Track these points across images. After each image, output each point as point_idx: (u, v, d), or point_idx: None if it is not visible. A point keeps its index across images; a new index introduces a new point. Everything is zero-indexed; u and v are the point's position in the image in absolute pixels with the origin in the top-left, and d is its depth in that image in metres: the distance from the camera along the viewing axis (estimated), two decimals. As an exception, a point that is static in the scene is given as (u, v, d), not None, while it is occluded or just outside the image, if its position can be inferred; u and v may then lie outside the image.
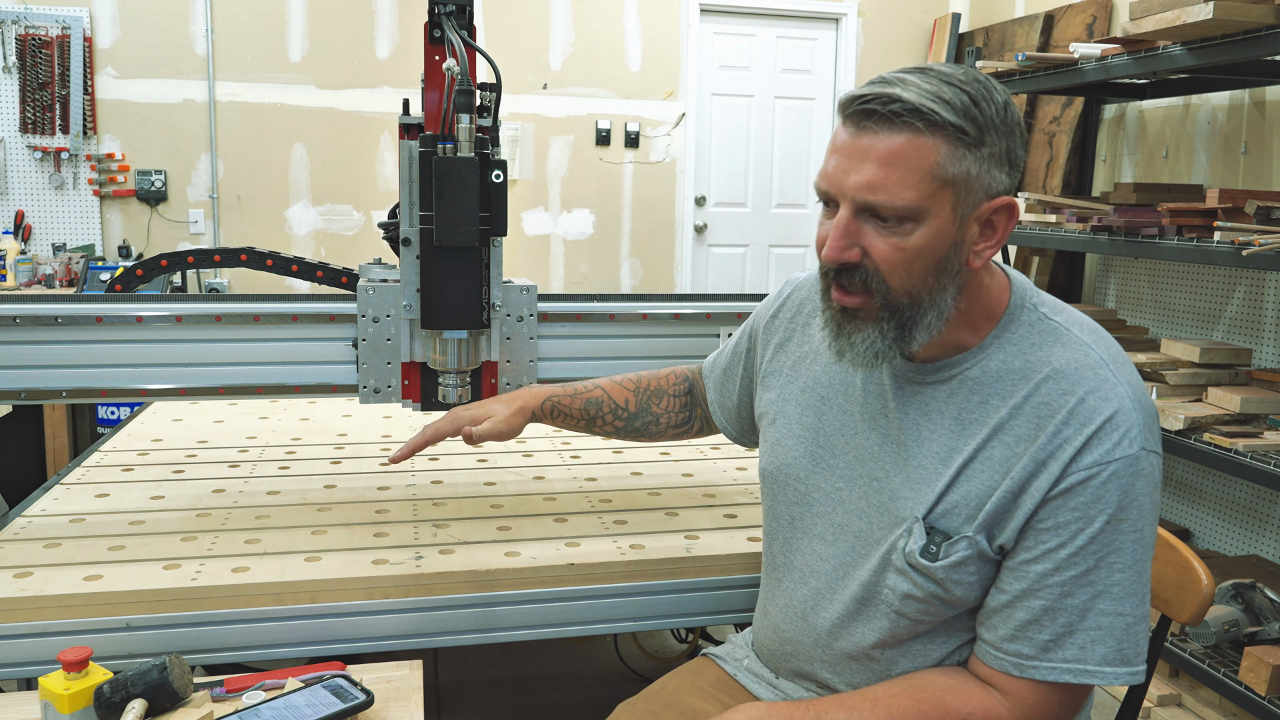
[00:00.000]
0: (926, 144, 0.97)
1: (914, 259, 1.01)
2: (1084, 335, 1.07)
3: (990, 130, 0.99)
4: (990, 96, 1.00)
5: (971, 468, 1.05)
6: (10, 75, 4.46)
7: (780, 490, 1.24)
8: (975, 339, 1.08)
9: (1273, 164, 3.12)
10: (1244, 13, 2.31)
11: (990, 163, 1.00)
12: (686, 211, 5.32)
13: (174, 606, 1.30)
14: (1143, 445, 1.01)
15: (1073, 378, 1.03)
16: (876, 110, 0.98)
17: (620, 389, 1.47)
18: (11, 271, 4.31)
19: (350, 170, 4.90)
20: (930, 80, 0.99)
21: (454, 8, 1.45)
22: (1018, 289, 1.11)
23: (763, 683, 1.28)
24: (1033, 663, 1.02)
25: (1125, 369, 1.05)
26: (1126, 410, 1.01)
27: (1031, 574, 1.02)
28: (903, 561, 1.08)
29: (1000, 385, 1.06)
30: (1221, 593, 2.44)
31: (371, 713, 1.08)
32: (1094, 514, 0.99)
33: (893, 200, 0.98)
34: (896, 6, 5.35)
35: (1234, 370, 2.75)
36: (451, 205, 1.41)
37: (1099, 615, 1.00)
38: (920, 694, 1.06)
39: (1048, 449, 1.01)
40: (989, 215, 1.02)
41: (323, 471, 1.85)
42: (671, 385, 1.49)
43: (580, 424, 1.46)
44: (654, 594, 1.45)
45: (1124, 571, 1.00)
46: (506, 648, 2.49)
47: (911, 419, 1.11)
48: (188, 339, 1.54)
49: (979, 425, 1.06)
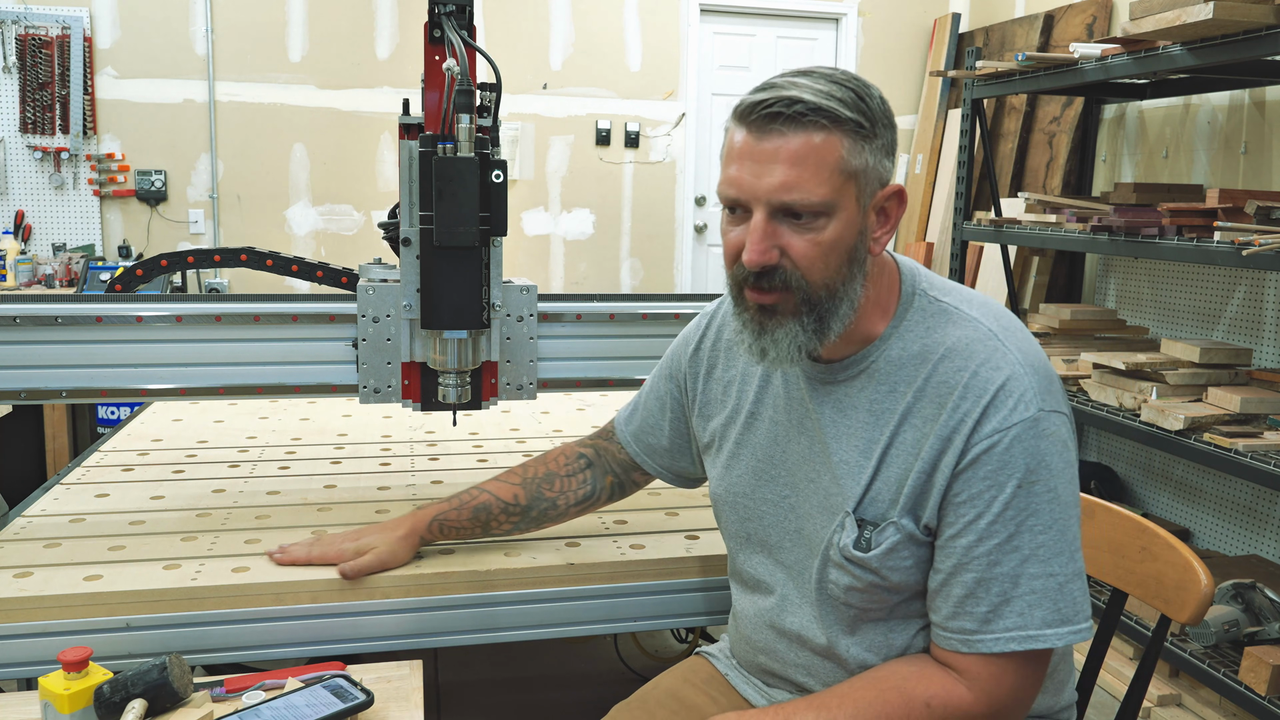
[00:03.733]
0: (831, 140, 1.02)
1: (829, 252, 1.04)
2: (973, 311, 1.10)
3: (879, 123, 1.05)
4: (869, 92, 1.05)
5: (889, 455, 1.09)
6: (10, 75, 4.46)
7: (732, 510, 1.26)
8: (876, 331, 1.12)
9: (1273, 164, 3.12)
10: (1244, 13, 2.31)
11: (881, 153, 1.05)
12: (686, 211, 5.32)
13: (174, 606, 1.29)
14: (1040, 407, 1.03)
15: (965, 353, 1.06)
16: (782, 113, 1.01)
17: (505, 486, 1.43)
18: (11, 271, 4.31)
19: (350, 170, 4.90)
20: (819, 80, 1.03)
21: (454, 8, 1.45)
22: (906, 275, 1.15)
23: (750, 682, 1.29)
24: (977, 637, 1.04)
25: (1015, 336, 1.08)
26: (1019, 375, 1.04)
27: (958, 549, 1.04)
28: (839, 555, 1.11)
29: (904, 372, 1.09)
30: (1221, 593, 2.44)
31: (371, 713, 1.08)
32: (1004, 480, 1.02)
33: (808, 197, 1.02)
34: (896, 6, 5.35)
35: (1234, 370, 2.75)
36: (451, 205, 1.41)
37: (1030, 579, 1.02)
38: (884, 684, 1.08)
39: (950, 425, 1.04)
40: (883, 203, 1.08)
41: (323, 471, 1.85)
42: (563, 466, 1.45)
43: (475, 532, 1.43)
44: (654, 594, 1.45)
45: (1045, 533, 1.02)
46: (506, 648, 2.49)
47: (829, 418, 1.14)
48: (188, 339, 1.54)
49: (890, 414, 1.09)
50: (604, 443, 1.48)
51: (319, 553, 1.37)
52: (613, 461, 1.46)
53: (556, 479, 1.44)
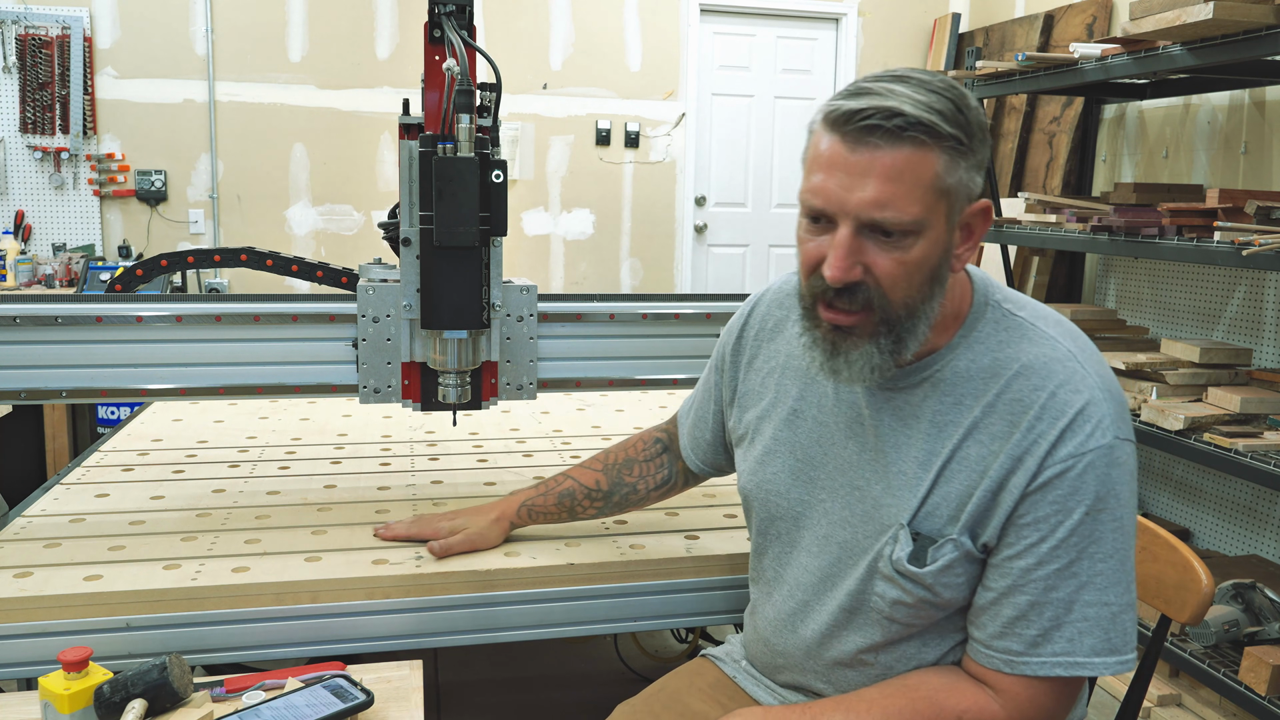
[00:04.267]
0: (928, 157, 0.97)
1: (914, 271, 1.00)
2: (1050, 329, 1.07)
3: (976, 137, 1.00)
4: (968, 103, 1.00)
5: (950, 469, 1.06)
6: (10, 75, 4.46)
7: (762, 507, 1.24)
8: (942, 340, 1.09)
9: (1273, 164, 3.12)
10: (1244, 13, 2.31)
11: (975, 169, 1.01)
12: (686, 211, 5.32)
13: (174, 606, 1.29)
14: (1115, 435, 1.01)
15: (1043, 372, 1.03)
16: (880, 125, 0.95)
17: (589, 472, 1.48)
18: (11, 271, 4.31)
19: (350, 170, 4.90)
20: (917, 89, 0.97)
21: (454, 8, 1.44)
22: (979, 286, 1.11)
23: (761, 684, 1.28)
24: (1023, 659, 1.03)
25: (1093, 360, 1.06)
26: (1098, 401, 1.01)
27: (1015, 570, 1.02)
28: (890, 569, 1.08)
29: (971, 385, 1.06)
30: (1221, 593, 2.44)
31: (371, 713, 1.08)
32: (1072, 506, 1.00)
33: (900, 216, 0.97)
34: (896, 6, 5.35)
35: (1234, 370, 2.75)
36: (451, 205, 1.41)
37: (1084, 606, 1.01)
38: (915, 693, 1.07)
39: (1023, 444, 1.02)
40: (969, 219, 1.04)
41: (323, 471, 1.85)
42: (641, 451, 1.48)
43: (561, 516, 1.48)
44: (654, 594, 1.45)
45: (1106, 561, 1.01)
46: (506, 648, 2.49)
47: (887, 425, 1.11)
48: (188, 339, 1.54)
49: (954, 426, 1.06)
50: (671, 428, 1.50)
51: (417, 530, 1.46)
52: (679, 447, 1.48)
53: (635, 464, 1.47)
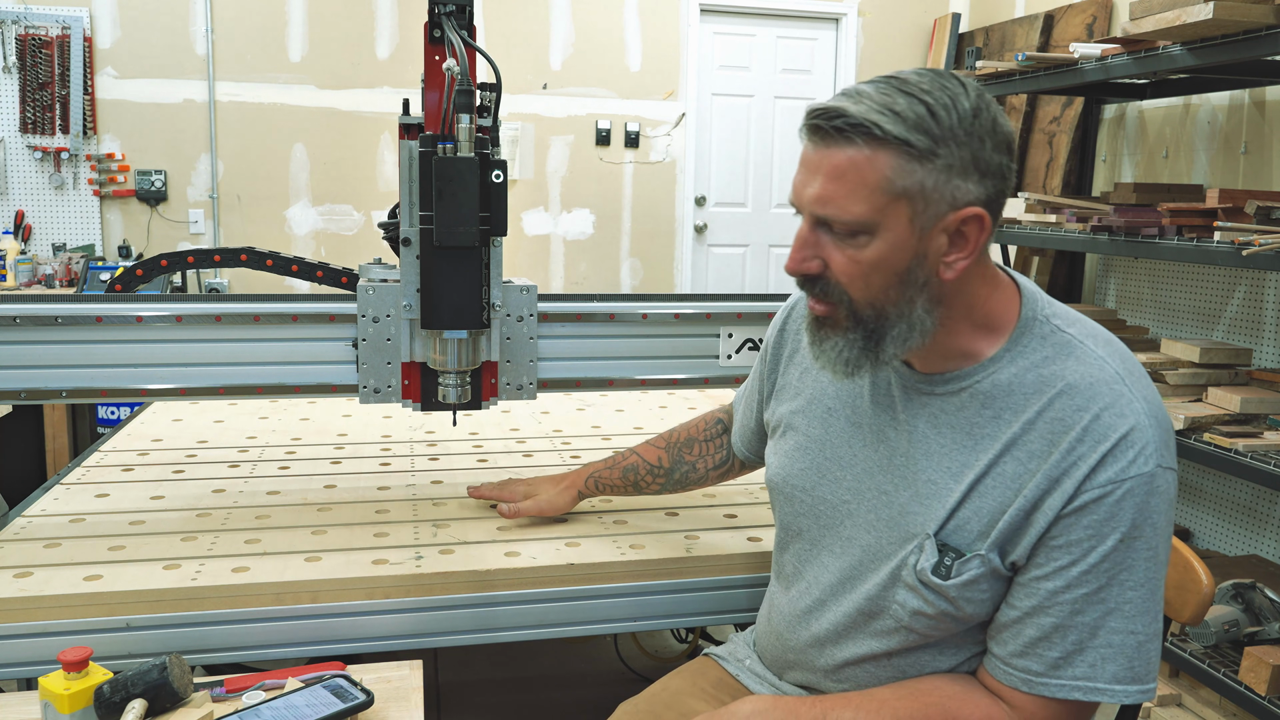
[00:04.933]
0: (872, 158, 0.97)
1: (871, 271, 1.00)
2: (1099, 349, 1.04)
3: (948, 141, 0.97)
4: (954, 105, 0.97)
5: (984, 484, 1.04)
6: (10, 75, 4.46)
7: (787, 502, 1.24)
8: (985, 350, 1.06)
9: (1273, 164, 3.12)
10: (1244, 13, 2.31)
11: (949, 173, 0.98)
12: (686, 211, 5.32)
13: (174, 606, 1.29)
14: (1158, 463, 0.99)
15: (1088, 393, 1.00)
16: (821, 125, 0.98)
17: (652, 449, 1.54)
18: (11, 271, 4.31)
19: (350, 170, 4.91)
20: (886, 92, 0.97)
21: (454, 8, 1.44)
22: (1028, 299, 1.09)
23: (765, 683, 1.28)
24: (1042, 680, 1.02)
25: (1141, 384, 1.03)
26: (1143, 427, 0.99)
27: (1043, 591, 1.01)
28: (914, 578, 1.07)
29: (1013, 399, 1.04)
30: (1221, 593, 2.44)
31: (371, 713, 1.08)
32: (1107, 532, 0.98)
33: (841, 214, 0.99)
34: (896, 6, 5.35)
35: (1234, 370, 2.75)
36: (451, 205, 1.41)
37: (1110, 633, 0.99)
38: (927, 698, 1.06)
39: (1062, 466, 0.99)
40: (957, 226, 1.00)
41: (323, 471, 1.85)
42: (701, 431, 1.53)
43: (626, 490, 1.56)
44: (654, 594, 1.45)
45: (1136, 590, 0.99)
46: (506, 648, 2.49)
47: (920, 431, 1.09)
48: (188, 339, 1.54)
49: (991, 440, 1.04)
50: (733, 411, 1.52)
51: (499, 492, 1.58)
52: None
53: (696, 443, 1.52)
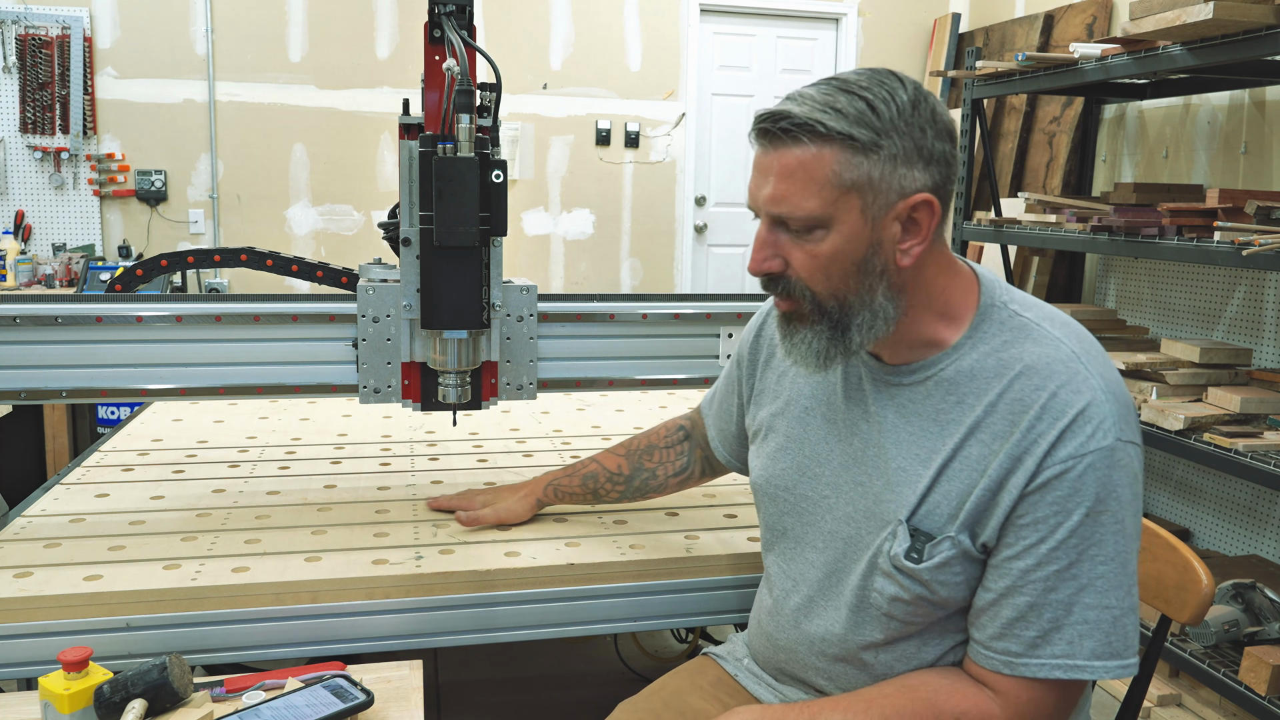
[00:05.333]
0: (818, 155, 1.01)
1: (829, 264, 1.04)
2: (1055, 330, 1.07)
3: (890, 133, 1.01)
4: (893, 98, 1.01)
5: (951, 467, 1.06)
6: (10, 75, 4.46)
7: (771, 503, 1.26)
8: (948, 338, 1.10)
9: (1273, 164, 3.12)
10: (1244, 13, 2.31)
11: (895, 163, 1.01)
12: (686, 211, 5.32)
13: (174, 606, 1.29)
14: (1118, 436, 1.01)
15: (1045, 372, 1.03)
16: (768, 129, 1.03)
17: (612, 456, 1.54)
18: (11, 271, 4.31)
19: (350, 170, 4.90)
20: (827, 92, 1.02)
21: (454, 8, 1.44)
22: (987, 287, 1.12)
23: (762, 683, 1.28)
24: (1022, 660, 1.03)
25: (1098, 361, 1.05)
26: (1099, 402, 1.01)
27: (1014, 570, 1.02)
28: (888, 564, 1.09)
29: (975, 384, 1.07)
30: (1221, 593, 2.44)
31: (371, 713, 1.08)
32: (1072, 507, 1.00)
33: (795, 211, 1.03)
34: (896, 6, 5.35)
35: (1234, 370, 2.75)
36: (451, 205, 1.41)
37: (1085, 609, 1.01)
38: (914, 694, 1.07)
39: (1023, 445, 1.02)
40: (908, 213, 1.03)
41: (323, 471, 1.85)
42: (662, 438, 1.53)
43: (586, 498, 1.56)
44: (654, 594, 1.45)
45: (1107, 564, 1.01)
46: (506, 648, 2.49)
47: (890, 421, 1.12)
48: (188, 339, 1.54)
49: (956, 425, 1.07)
50: (696, 417, 1.53)
51: (459, 501, 1.59)
52: (701, 437, 1.51)
53: (656, 450, 1.52)
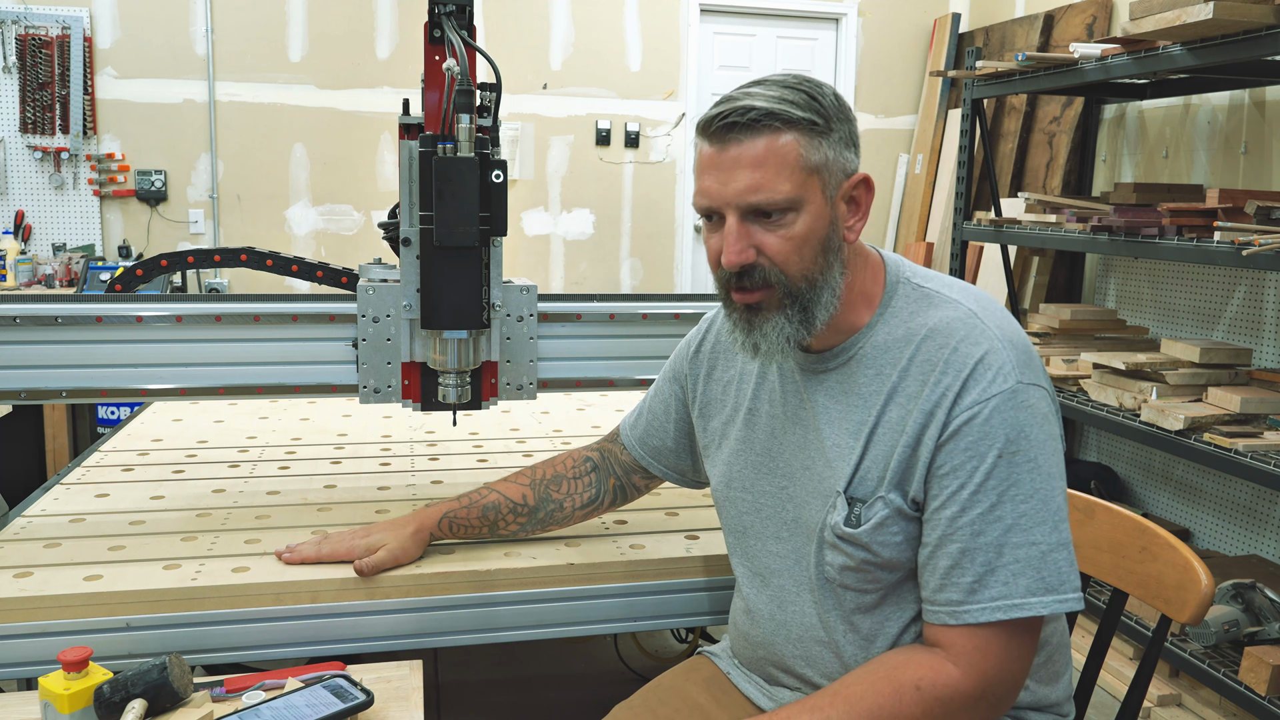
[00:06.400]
0: (787, 140, 1.08)
1: (802, 245, 1.10)
2: (954, 294, 1.15)
3: (834, 118, 1.10)
4: (822, 91, 1.11)
5: (876, 434, 1.12)
6: (10, 75, 4.46)
7: (732, 505, 1.29)
8: (863, 320, 1.17)
9: (1273, 164, 3.12)
10: (1244, 13, 2.31)
11: (840, 146, 1.11)
12: (686, 211, 5.32)
13: (174, 606, 1.30)
14: (1019, 379, 1.07)
15: (946, 332, 1.10)
16: (737, 122, 1.07)
17: (515, 486, 1.47)
18: (11, 271, 4.31)
19: (350, 170, 4.90)
20: (771, 88, 1.10)
21: (454, 8, 1.45)
22: (891, 267, 1.20)
23: (751, 680, 1.30)
24: (964, 607, 1.06)
25: (994, 314, 1.12)
26: (996, 350, 1.08)
27: (942, 520, 1.07)
28: (832, 535, 1.14)
29: (889, 355, 1.14)
30: (1221, 593, 2.44)
31: (371, 713, 1.08)
32: (984, 450, 1.05)
33: (772, 196, 1.08)
34: (896, 6, 5.35)
35: (1234, 370, 2.75)
36: (451, 205, 1.41)
37: (1014, 549, 1.04)
38: (874, 675, 1.09)
39: (932, 399, 1.08)
40: (850, 192, 1.13)
41: (323, 471, 1.85)
42: (570, 469, 1.48)
43: (482, 531, 1.46)
44: (654, 594, 1.45)
45: (1027, 502, 1.05)
46: (506, 648, 2.49)
47: (822, 405, 1.18)
48: (188, 339, 1.54)
49: (876, 395, 1.13)
50: (609, 445, 1.51)
51: (329, 550, 1.38)
52: (615, 464, 1.49)
53: (564, 481, 1.47)
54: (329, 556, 1.38)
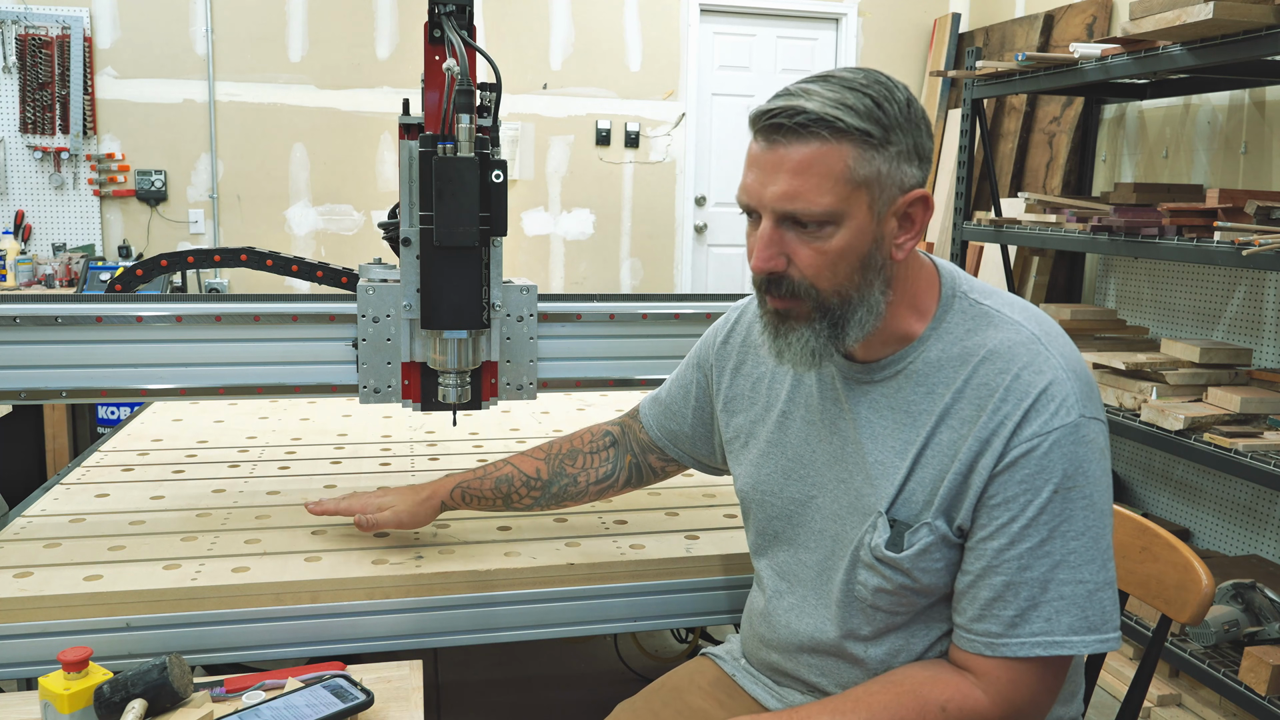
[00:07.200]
0: (835, 150, 1.01)
1: (837, 260, 1.04)
2: (1015, 315, 1.10)
3: (895, 129, 1.03)
4: (892, 96, 1.03)
5: (925, 456, 1.08)
6: (10, 75, 4.46)
7: (759, 508, 1.26)
8: (913, 332, 1.11)
9: (1273, 164, 3.12)
10: (1244, 13, 2.31)
11: (899, 160, 1.03)
12: (686, 211, 5.32)
13: (174, 606, 1.29)
14: (1081, 413, 1.03)
15: (1007, 356, 1.05)
16: (784, 123, 1.01)
17: (530, 460, 1.47)
18: (11, 271, 4.31)
19: (350, 170, 4.90)
20: (833, 88, 1.02)
21: (454, 8, 1.44)
22: (947, 278, 1.14)
23: (760, 683, 1.29)
24: (1002, 640, 1.03)
25: (1058, 342, 1.08)
26: (1061, 380, 1.03)
27: (989, 551, 1.04)
28: (870, 556, 1.10)
29: (942, 374, 1.09)
30: (1221, 593, 2.44)
31: (371, 713, 1.08)
32: (1040, 484, 1.01)
33: (810, 207, 1.02)
34: (896, 6, 5.35)
35: (1234, 370, 2.75)
36: (451, 205, 1.41)
37: (1060, 585, 1.02)
38: (899, 688, 1.08)
39: (989, 427, 1.03)
40: (905, 209, 1.06)
41: (323, 471, 1.85)
42: (587, 444, 1.47)
43: (496, 503, 1.46)
44: (654, 594, 1.45)
45: (1078, 539, 1.02)
46: (506, 648, 2.49)
47: (865, 418, 1.13)
48: (188, 339, 1.54)
49: (927, 415, 1.08)
50: (630, 421, 1.49)
51: (347, 505, 1.46)
52: (634, 441, 1.48)
53: (580, 455, 1.47)
54: (346, 511, 1.45)
